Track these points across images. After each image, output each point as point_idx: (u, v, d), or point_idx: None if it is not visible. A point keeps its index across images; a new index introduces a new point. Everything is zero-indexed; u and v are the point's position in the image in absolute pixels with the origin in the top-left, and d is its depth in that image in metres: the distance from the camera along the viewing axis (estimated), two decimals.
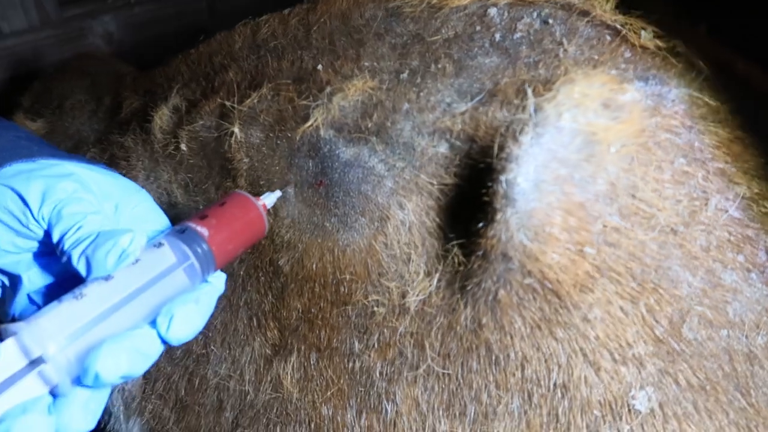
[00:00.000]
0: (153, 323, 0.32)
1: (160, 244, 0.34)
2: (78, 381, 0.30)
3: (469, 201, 0.36)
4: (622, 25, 0.37)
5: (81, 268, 0.32)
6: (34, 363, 0.27)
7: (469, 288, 0.36)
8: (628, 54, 0.37)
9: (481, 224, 0.33)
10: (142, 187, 0.57)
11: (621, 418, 0.34)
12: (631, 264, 0.33)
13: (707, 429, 0.34)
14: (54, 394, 0.29)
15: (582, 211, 0.32)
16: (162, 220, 0.40)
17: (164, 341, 0.32)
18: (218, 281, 0.36)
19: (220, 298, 0.49)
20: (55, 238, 0.34)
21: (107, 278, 0.31)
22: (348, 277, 0.42)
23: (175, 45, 0.62)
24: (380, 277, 0.41)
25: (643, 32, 0.36)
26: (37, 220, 0.35)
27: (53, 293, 0.40)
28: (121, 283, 0.31)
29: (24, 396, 0.27)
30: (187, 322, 0.33)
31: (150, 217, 0.40)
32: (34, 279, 0.39)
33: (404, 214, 0.40)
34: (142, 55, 0.67)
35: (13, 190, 0.35)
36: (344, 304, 0.43)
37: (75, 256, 0.32)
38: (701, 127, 0.34)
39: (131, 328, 0.31)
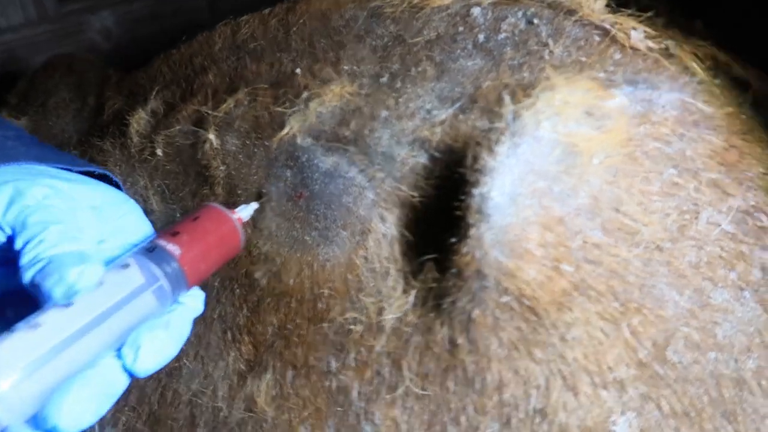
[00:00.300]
0: (118, 353, 0.30)
1: (126, 265, 0.31)
2: (34, 424, 0.27)
3: (449, 214, 0.34)
4: (611, 25, 0.34)
5: (34, 293, 0.30)
6: None
7: (444, 307, 0.34)
8: (618, 56, 0.34)
9: (454, 240, 0.31)
10: None
11: None
12: (612, 282, 0.31)
13: None
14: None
15: (561, 227, 0.30)
16: (149, 233, 0.37)
17: (131, 374, 0.30)
18: (194, 301, 0.34)
19: None
20: (18, 248, 0.33)
21: (66, 304, 0.28)
22: (326, 292, 0.40)
23: (174, 42, 0.60)
24: (359, 293, 0.39)
25: (633, 32, 0.33)
26: (1, 227, 0.34)
27: (16, 302, 0.38)
28: (82, 309, 0.28)
29: None
30: (156, 351, 0.30)
31: (137, 229, 0.37)
32: None
33: (386, 228, 0.38)
34: (141, 51, 0.66)
35: None
36: (321, 320, 0.41)
37: (27, 277, 0.30)
38: (694, 135, 0.32)
39: (95, 359, 0.29)
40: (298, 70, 0.43)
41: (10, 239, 0.33)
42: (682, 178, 0.32)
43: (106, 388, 0.29)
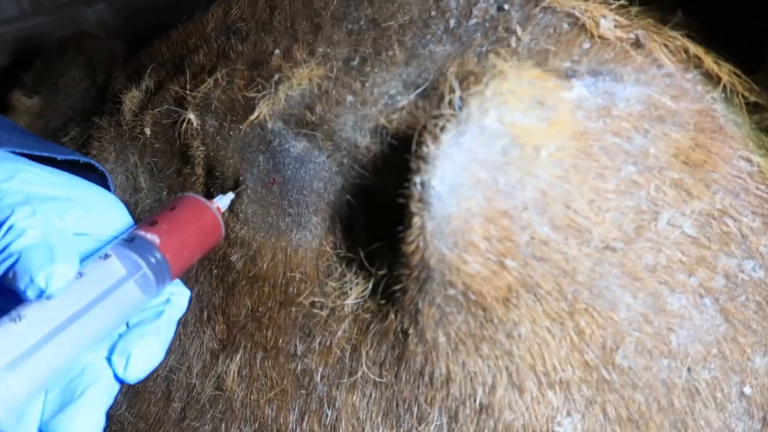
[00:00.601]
0: (108, 360, 0.30)
1: (106, 256, 0.31)
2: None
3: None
4: (581, 13, 0.33)
5: (10, 285, 0.29)
6: None
7: (396, 296, 0.34)
8: (586, 45, 0.33)
9: (399, 228, 0.31)
10: (112, 170, 0.57)
11: None
12: (561, 281, 0.30)
13: None
14: None
15: (506, 220, 0.29)
16: (131, 227, 0.37)
17: (122, 381, 0.30)
18: (180, 300, 0.33)
19: None
20: None
21: (48, 297, 0.28)
22: (298, 276, 0.40)
23: None
24: (327, 278, 0.39)
25: (602, 20, 0.32)
26: None
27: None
28: (65, 301, 0.28)
29: None
30: (146, 359, 0.30)
31: (118, 222, 0.37)
32: None
33: (353, 214, 0.38)
34: (137, 44, 0.67)
35: None
36: (291, 304, 0.41)
37: (1, 269, 0.29)
38: (658, 132, 0.30)
39: (79, 352, 0.29)
40: (276, 51, 0.43)
41: None
42: (643, 176, 0.30)
43: (106, 399, 0.29)
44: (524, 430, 0.31)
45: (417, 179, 0.29)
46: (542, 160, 0.28)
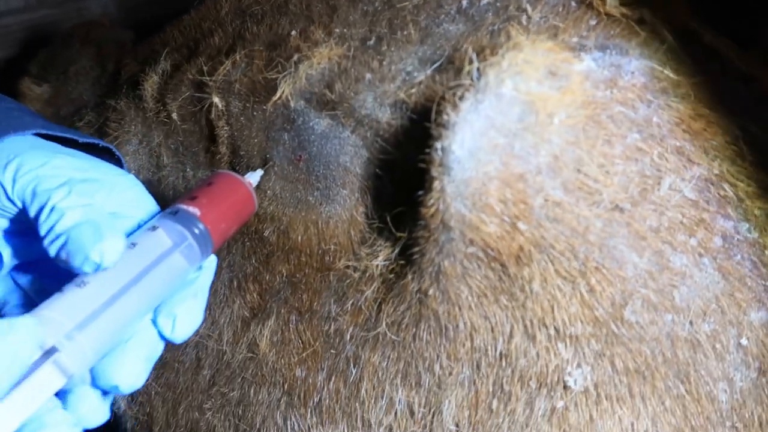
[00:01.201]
0: (154, 321, 0.32)
1: (154, 228, 0.33)
2: (95, 384, 0.30)
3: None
4: None
5: (63, 264, 0.30)
6: (49, 353, 0.27)
7: (414, 258, 0.35)
8: (593, 22, 0.35)
9: (420, 193, 0.33)
10: (135, 151, 0.59)
11: (556, 394, 0.34)
12: (573, 241, 0.32)
13: (639, 413, 0.32)
14: (64, 389, 0.29)
15: (521, 183, 0.31)
16: (152, 206, 0.38)
17: (168, 341, 0.32)
18: (210, 266, 0.35)
19: None
20: (32, 216, 0.32)
21: (104, 269, 0.30)
22: (332, 247, 0.42)
23: None
24: (360, 246, 0.41)
25: None
26: (11, 200, 0.34)
27: (40, 270, 0.40)
28: (121, 269, 0.30)
29: (41, 387, 0.26)
30: (190, 320, 0.32)
31: (141, 203, 0.37)
32: (16, 256, 0.38)
33: (382, 184, 0.40)
34: (142, 36, 0.68)
35: None
36: (328, 270, 0.43)
37: (52, 253, 0.31)
38: (661, 102, 0.32)
39: (136, 315, 0.31)
40: (293, 33, 0.45)
41: (23, 211, 0.34)
42: (647, 143, 0.32)
43: (152, 352, 0.31)
44: (538, 379, 0.33)
45: (438, 145, 0.30)
46: (555, 127, 0.30)
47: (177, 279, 0.33)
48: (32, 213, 0.32)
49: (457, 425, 0.36)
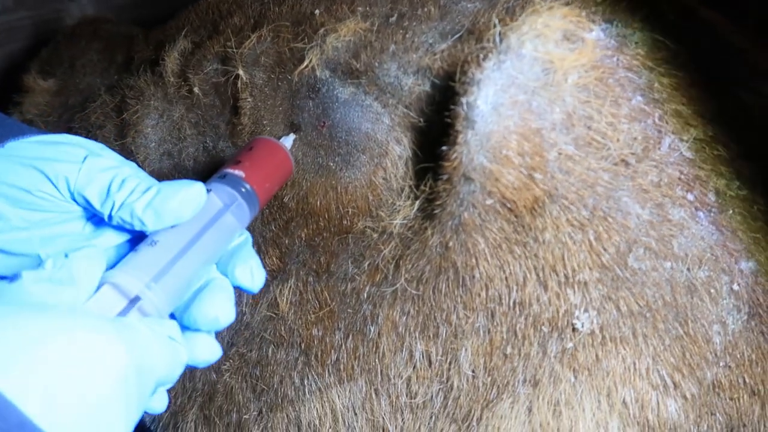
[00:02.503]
0: (225, 273, 0.34)
1: (208, 191, 0.35)
2: (184, 326, 0.32)
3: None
4: None
5: (148, 219, 0.32)
6: (133, 302, 0.29)
7: (436, 212, 0.38)
8: None
9: (444, 148, 0.35)
10: (156, 124, 0.61)
11: (566, 336, 0.36)
12: (583, 192, 0.35)
13: (641, 352, 0.35)
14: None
15: (538, 137, 0.34)
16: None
17: (249, 292, 0.35)
18: (246, 232, 0.37)
19: None
20: (94, 199, 0.32)
21: (172, 226, 0.33)
22: (350, 211, 0.45)
23: None
24: (378, 210, 0.43)
25: None
26: (59, 190, 0.33)
27: None
28: (183, 229, 0.33)
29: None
30: (261, 271, 0.35)
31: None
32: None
33: (401, 149, 0.42)
34: None
35: (32, 166, 0.32)
36: (346, 233, 0.45)
37: (139, 208, 0.32)
38: (662, 70, 0.36)
39: (200, 268, 0.33)
40: (317, 11, 0.47)
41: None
42: (649, 106, 0.35)
43: (231, 295, 0.33)
44: (549, 323, 0.36)
45: (464, 100, 0.33)
46: (568, 86, 0.33)
47: (229, 235, 0.35)
48: (95, 193, 0.32)
49: (473, 371, 0.39)
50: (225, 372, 0.51)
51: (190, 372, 0.53)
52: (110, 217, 0.32)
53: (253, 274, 0.34)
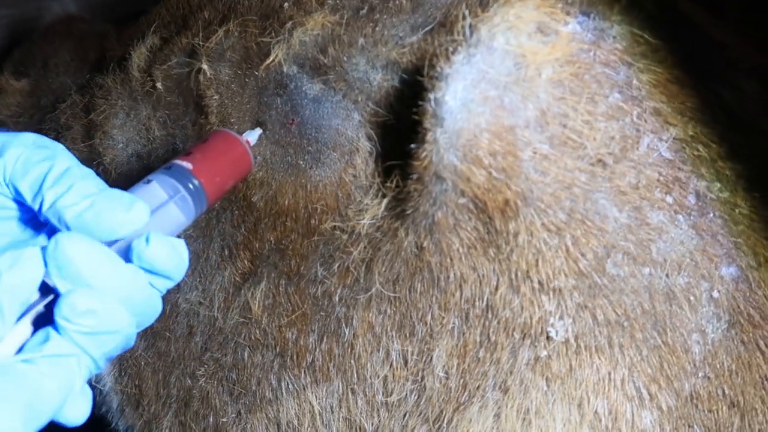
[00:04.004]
0: None
1: (149, 181, 0.33)
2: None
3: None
4: None
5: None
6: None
7: (408, 212, 0.36)
8: None
9: (413, 146, 0.33)
10: (123, 124, 0.58)
11: (539, 344, 0.34)
12: (560, 193, 0.32)
13: (617, 363, 0.33)
14: None
15: (510, 135, 0.31)
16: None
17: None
18: None
19: (196, 229, 0.49)
20: (27, 192, 0.29)
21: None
22: (319, 209, 0.42)
23: None
24: (347, 208, 0.41)
25: None
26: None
27: None
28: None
29: None
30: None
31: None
32: None
33: (371, 145, 0.40)
34: None
35: None
36: (314, 234, 0.43)
37: (68, 216, 0.28)
38: (641, 65, 0.33)
39: None
40: (285, 4, 0.45)
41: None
42: (627, 104, 0.33)
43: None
44: (522, 330, 0.34)
45: (431, 96, 0.31)
46: (542, 81, 0.31)
47: (174, 229, 0.33)
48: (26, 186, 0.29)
49: (446, 373, 0.36)
50: (200, 377, 0.48)
51: (164, 379, 0.50)
52: (41, 213, 0.29)
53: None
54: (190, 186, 0.34)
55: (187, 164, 0.35)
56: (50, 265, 0.26)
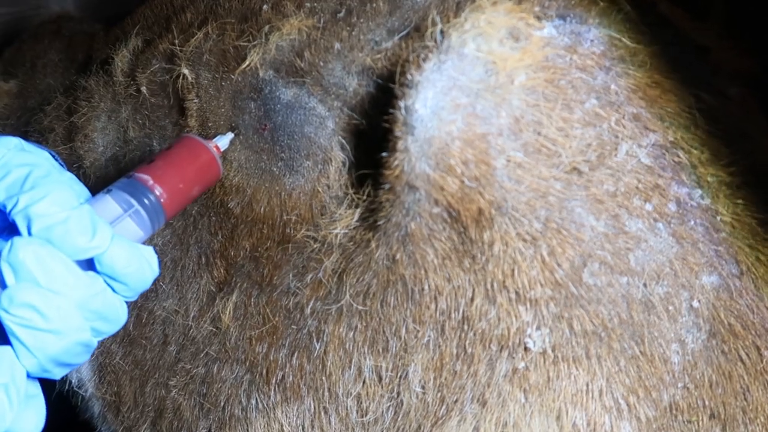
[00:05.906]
0: None
1: (108, 191, 0.33)
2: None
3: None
4: None
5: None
6: None
7: (380, 224, 0.35)
8: None
9: (384, 154, 0.32)
10: (104, 127, 0.57)
11: (517, 356, 0.33)
12: (534, 202, 0.31)
13: (595, 373, 0.32)
14: None
15: (483, 143, 0.30)
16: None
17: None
18: None
19: (174, 236, 0.49)
20: (1, 192, 0.29)
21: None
22: (294, 218, 0.41)
23: None
24: (321, 217, 0.40)
25: None
26: None
27: None
28: None
29: None
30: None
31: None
32: None
33: (345, 155, 0.39)
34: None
35: None
36: (288, 242, 0.42)
37: (35, 227, 0.28)
38: (619, 70, 0.32)
39: None
40: (265, 6, 0.44)
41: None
42: (605, 109, 0.32)
43: None
44: (499, 341, 0.33)
45: (401, 104, 0.30)
46: (515, 88, 0.30)
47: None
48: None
49: (423, 387, 0.36)
50: (173, 388, 0.47)
51: (140, 387, 0.50)
52: (9, 214, 0.29)
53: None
54: (146, 201, 0.33)
55: (146, 176, 0.34)
56: (4, 266, 0.26)
